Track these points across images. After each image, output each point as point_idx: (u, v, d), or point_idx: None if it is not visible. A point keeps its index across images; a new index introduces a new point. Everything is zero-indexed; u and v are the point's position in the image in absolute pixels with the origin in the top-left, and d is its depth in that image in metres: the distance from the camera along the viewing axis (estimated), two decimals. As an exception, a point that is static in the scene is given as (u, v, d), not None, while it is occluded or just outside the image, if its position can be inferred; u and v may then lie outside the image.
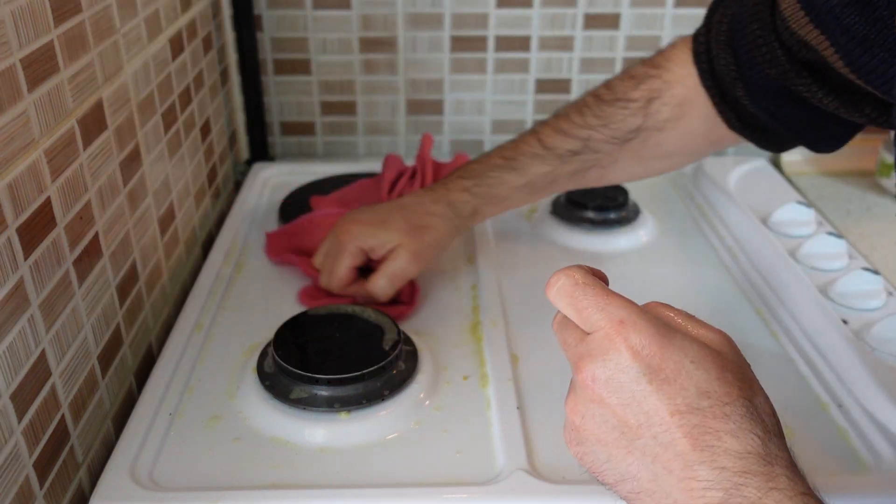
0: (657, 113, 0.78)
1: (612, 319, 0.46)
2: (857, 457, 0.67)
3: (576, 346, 0.49)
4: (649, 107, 0.78)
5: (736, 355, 0.47)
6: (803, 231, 0.93)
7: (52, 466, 0.61)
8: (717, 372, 0.45)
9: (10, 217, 0.55)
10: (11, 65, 0.56)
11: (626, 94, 0.79)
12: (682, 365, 0.44)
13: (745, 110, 0.74)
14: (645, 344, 0.45)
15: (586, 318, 0.48)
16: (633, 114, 0.79)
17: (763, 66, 0.69)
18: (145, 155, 0.82)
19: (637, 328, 0.45)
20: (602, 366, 0.46)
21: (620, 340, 0.45)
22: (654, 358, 0.45)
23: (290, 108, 1.26)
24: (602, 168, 0.82)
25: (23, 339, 0.57)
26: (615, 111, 0.79)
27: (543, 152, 0.82)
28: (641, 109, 0.78)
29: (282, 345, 0.73)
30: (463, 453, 0.67)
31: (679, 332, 0.46)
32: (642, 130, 0.79)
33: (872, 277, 0.81)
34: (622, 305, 0.47)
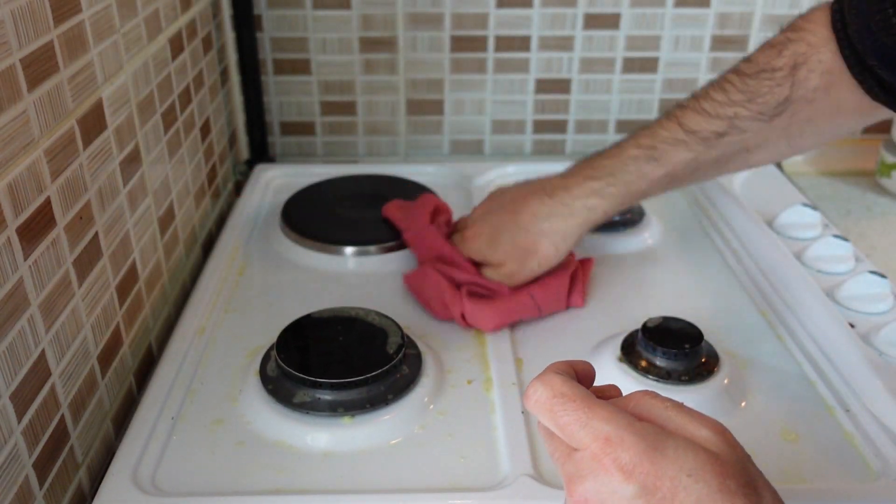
0: (805, 81, 0.72)
1: (597, 437, 0.43)
2: (864, 462, 0.66)
3: (564, 463, 0.45)
4: (796, 74, 0.72)
5: (734, 452, 0.44)
6: (809, 233, 0.92)
7: (51, 466, 0.61)
8: (718, 482, 0.41)
9: (9, 217, 0.55)
10: (11, 65, 0.55)
11: (768, 63, 0.73)
12: (678, 480, 0.41)
13: (883, 79, 0.68)
14: (636, 462, 0.41)
15: (570, 434, 0.44)
16: (780, 84, 0.72)
17: (880, 35, 0.64)
18: (145, 155, 0.81)
19: (625, 445, 0.42)
20: (593, 489, 0.42)
21: (609, 461, 0.42)
22: (647, 476, 0.41)
23: (290, 108, 1.25)
24: (748, 151, 0.77)
25: (22, 339, 0.57)
26: (760, 83, 0.73)
27: (686, 137, 0.76)
28: (788, 78, 0.72)
29: (285, 348, 0.72)
30: (467, 458, 0.66)
31: (671, 439, 0.43)
32: (791, 102, 0.73)
33: (880, 281, 0.80)
34: (606, 418, 0.43)
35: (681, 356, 0.71)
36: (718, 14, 1.21)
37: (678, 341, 0.72)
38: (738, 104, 0.74)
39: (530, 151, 1.30)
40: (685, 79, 1.25)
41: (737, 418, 0.70)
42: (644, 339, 0.72)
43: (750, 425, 0.70)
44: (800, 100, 0.73)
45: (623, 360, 0.74)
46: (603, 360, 0.75)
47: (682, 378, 0.71)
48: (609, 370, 0.73)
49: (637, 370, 0.72)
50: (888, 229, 1.11)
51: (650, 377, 0.71)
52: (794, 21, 0.74)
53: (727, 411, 0.71)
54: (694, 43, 1.23)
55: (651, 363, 0.72)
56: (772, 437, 0.69)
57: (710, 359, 0.73)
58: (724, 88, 0.75)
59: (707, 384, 0.71)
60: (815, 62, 0.71)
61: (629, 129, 1.27)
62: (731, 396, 0.72)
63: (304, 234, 0.97)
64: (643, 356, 0.73)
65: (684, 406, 0.46)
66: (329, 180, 1.11)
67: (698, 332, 0.73)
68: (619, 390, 0.51)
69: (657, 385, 0.71)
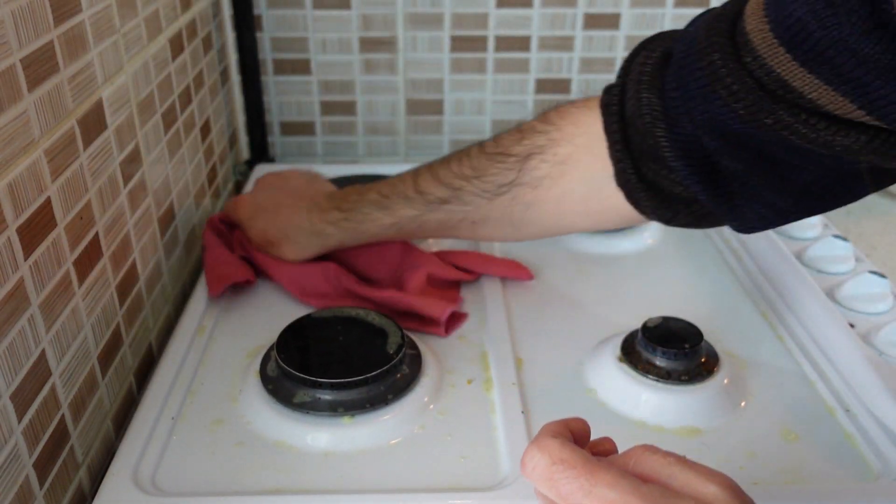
0: (534, 169, 0.73)
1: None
2: (864, 462, 0.66)
3: None
4: (527, 162, 0.73)
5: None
6: (809, 233, 0.92)
7: (51, 466, 0.61)
8: None
9: (10, 217, 0.55)
10: (11, 65, 0.55)
11: (508, 147, 0.75)
12: None
13: (650, 164, 0.65)
14: None
15: None
16: (509, 168, 0.74)
17: (727, 100, 0.57)
18: (145, 155, 0.81)
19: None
20: None
21: None
22: None
23: (290, 107, 1.25)
24: (473, 223, 0.79)
25: (23, 339, 0.57)
26: (492, 164, 0.75)
27: (414, 195, 0.80)
28: (518, 164, 0.74)
29: (285, 348, 0.72)
30: (467, 458, 0.66)
31: (678, 500, 0.42)
32: (514, 185, 0.74)
33: (880, 281, 0.80)
34: (610, 484, 0.42)
35: (681, 356, 0.71)
36: (718, 14, 1.21)
37: (678, 341, 0.72)
38: (466, 178, 0.76)
39: (530, 151, 1.30)
40: (685, 79, 1.25)
41: (737, 418, 0.70)
42: (644, 340, 0.72)
43: (750, 425, 0.70)
44: (524, 184, 0.74)
45: (623, 361, 0.74)
46: (603, 360, 0.75)
47: (682, 378, 0.71)
48: (609, 370, 0.74)
49: (637, 370, 0.72)
50: (888, 229, 1.11)
51: (650, 377, 0.71)
52: (547, 113, 0.75)
53: (727, 411, 0.71)
54: (694, 43, 1.23)
55: (651, 363, 0.72)
56: (772, 437, 0.69)
57: (709, 359, 0.73)
58: (460, 161, 0.78)
59: (707, 384, 0.71)
60: (550, 154, 0.72)
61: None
62: (730, 396, 0.72)
63: (304, 234, 0.97)
64: (643, 356, 0.73)
65: (687, 460, 0.45)
66: (329, 180, 1.11)
67: (698, 332, 0.73)
68: (614, 443, 0.50)
69: (657, 384, 0.71)
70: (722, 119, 0.58)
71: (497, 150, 0.75)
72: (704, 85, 0.59)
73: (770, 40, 0.53)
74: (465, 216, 0.79)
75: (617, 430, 0.69)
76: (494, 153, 0.75)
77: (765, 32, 0.53)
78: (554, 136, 0.73)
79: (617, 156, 0.68)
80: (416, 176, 0.81)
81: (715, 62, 0.57)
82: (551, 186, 0.73)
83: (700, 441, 0.68)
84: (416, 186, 0.80)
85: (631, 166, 0.67)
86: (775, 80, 0.54)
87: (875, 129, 0.53)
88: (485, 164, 0.76)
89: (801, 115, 0.54)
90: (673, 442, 0.68)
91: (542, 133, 0.73)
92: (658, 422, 0.70)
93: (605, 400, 0.72)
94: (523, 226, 0.78)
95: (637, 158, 0.67)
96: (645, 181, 0.67)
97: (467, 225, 0.80)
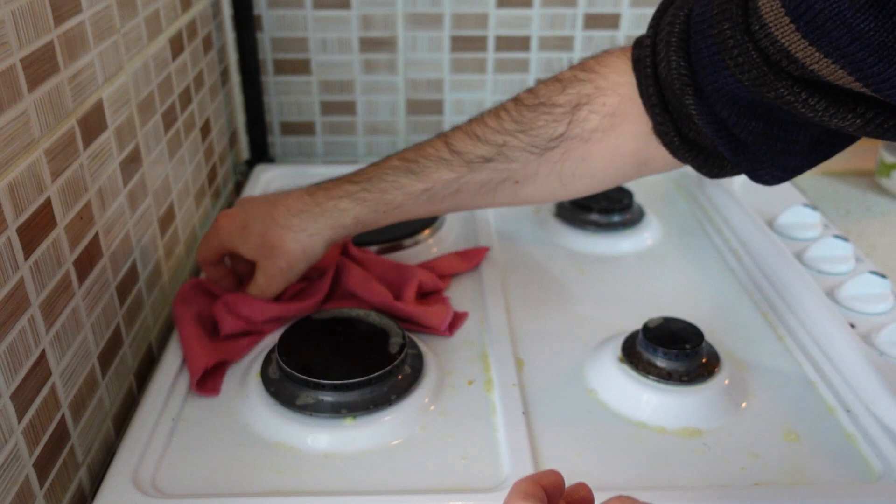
0: (584, 121, 0.69)
1: None
2: (865, 462, 0.66)
3: None
4: (576, 113, 0.69)
5: None
6: (809, 234, 0.92)
7: (52, 466, 0.61)
8: None
9: (10, 217, 0.55)
10: (12, 65, 0.55)
11: (550, 97, 0.70)
12: None
13: (689, 124, 0.66)
14: None
15: None
16: (557, 119, 0.70)
17: (734, 71, 0.59)
18: (145, 155, 0.81)
19: None
20: None
21: None
22: None
23: (290, 107, 1.25)
24: (516, 183, 0.74)
25: (23, 339, 0.56)
26: (537, 116, 0.70)
27: (450, 156, 0.73)
28: (566, 115, 0.69)
29: (286, 350, 0.72)
30: (468, 459, 0.66)
31: None
32: (565, 139, 0.70)
33: (880, 281, 0.80)
34: None
35: (681, 357, 0.71)
36: (718, 14, 1.21)
37: (679, 342, 0.72)
38: (510, 133, 0.71)
39: (530, 151, 1.30)
40: (685, 79, 1.25)
41: (737, 419, 0.70)
42: (645, 340, 0.72)
43: (751, 426, 0.70)
44: (575, 138, 0.70)
45: (623, 361, 0.74)
46: (603, 360, 0.75)
47: (683, 379, 0.71)
48: (610, 371, 0.73)
49: (638, 371, 0.72)
50: (888, 229, 1.11)
51: (651, 378, 0.71)
52: (587, 62, 0.71)
53: (728, 412, 0.71)
54: (694, 43, 1.23)
55: (651, 364, 0.72)
56: (773, 437, 0.69)
57: (710, 359, 0.73)
58: (498, 116, 0.72)
59: (708, 385, 0.71)
60: (598, 104, 0.69)
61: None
62: (731, 397, 0.72)
63: (304, 235, 0.97)
64: (644, 357, 0.72)
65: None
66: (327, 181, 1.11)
67: (699, 333, 0.73)
68: (588, 488, 0.49)
69: (658, 385, 0.71)
70: (730, 88, 0.60)
71: (538, 101, 0.71)
72: (714, 53, 0.59)
73: (777, 9, 0.53)
74: (511, 175, 0.73)
75: (618, 431, 0.70)
76: (535, 104, 0.71)
77: (773, 0, 0.54)
78: (600, 85, 0.69)
79: (657, 118, 0.67)
80: (446, 138, 0.74)
81: (724, 31, 0.58)
82: (602, 139, 0.70)
83: (701, 442, 0.68)
84: (451, 147, 0.73)
85: (672, 128, 0.66)
86: (779, 50, 0.54)
87: (876, 109, 0.54)
88: (529, 116, 0.71)
89: (801, 95, 0.55)
90: (674, 443, 0.68)
91: (587, 81, 0.70)
92: (659, 423, 0.70)
93: (605, 401, 0.72)
94: (573, 182, 0.74)
95: (676, 118, 0.66)
96: (687, 140, 0.67)
97: (510, 186, 0.74)
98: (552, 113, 0.70)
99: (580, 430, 0.69)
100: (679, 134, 0.67)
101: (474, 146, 0.72)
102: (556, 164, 0.72)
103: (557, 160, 0.71)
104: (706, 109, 0.63)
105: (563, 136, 0.70)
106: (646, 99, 0.67)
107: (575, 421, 0.70)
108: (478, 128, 0.73)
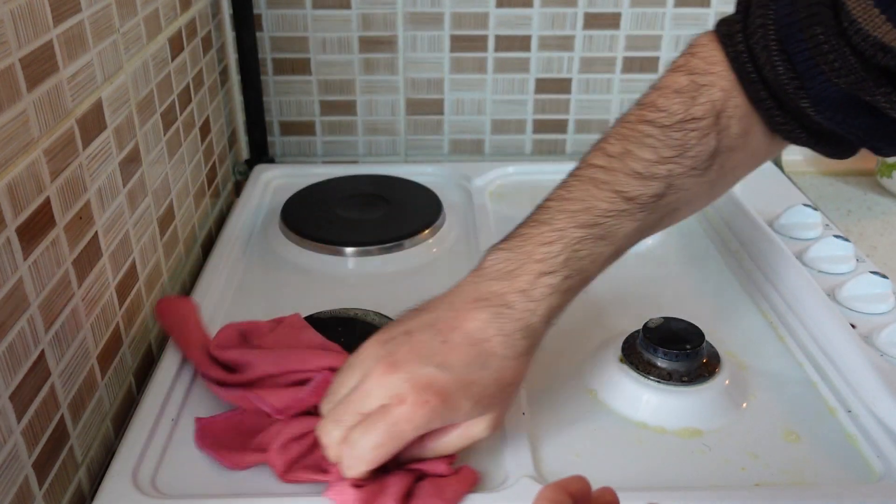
0: (727, 128, 0.64)
1: None
2: (866, 463, 0.66)
3: None
4: (719, 122, 0.64)
5: None
6: (810, 234, 0.92)
7: (51, 467, 0.61)
8: None
9: (9, 217, 0.55)
10: (10, 64, 0.55)
11: (687, 111, 0.64)
12: None
13: (810, 121, 0.63)
14: None
15: None
16: (705, 133, 0.64)
17: (830, 76, 0.58)
18: (144, 155, 0.81)
19: None
20: None
21: None
22: None
23: (290, 107, 1.25)
24: (675, 210, 0.67)
25: (22, 339, 0.56)
26: (685, 135, 0.64)
27: (627, 206, 0.64)
28: (712, 127, 0.64)
29: (285, 348, 0.72)
30: (469, 459, 0.66)
31: None
32: (720, 153, 0.65)
33: (881, 281, 0.80)
34: None
35: (682, 357, 0.71)
36: (718, 14, 1.21)
37: (679, 342, 0.72)
38: (671, 161, 0.64)
39: (530, 151, 1.30)
40: (685, 79, 1.25)
41: (738, 419, 0.70)
42: (645, 340, 0.72)
43: (751, 426, 0.70)
44: (726, 149, 0.66)
45: (624, 361, 0.73)
46: (604, 360, 0.75)
47: (684, 379, 0.71)
48: (610, 371, 0.73)
49: (638, 371, 0.72)
50: (889, 229, 1.11)
51: (651, 378, 0.71)
52: (689, 61, 0.66)
53: (728, 412, 0.70)
54: (694, 43, 1.23)
55: (652, 364, 0.72)
56: (773, 437, 0.68)
57: (711, 359, 0.73)
58: (649, 145, 0.65)
59: (708, 385, 0.71)
60: (731, 107, 0.65)
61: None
62: (732, 397, 0.72)
63: (303, 235, 0.97)
64: (644, 357, 0.72)
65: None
66: (329, 180, 1.11)
67: (700, 333, 0.73)
68: (614, 493, 0.48)
69: (658, 385, 0.71)
70: (828, 93, 0.60)
71: (677, 119, 0.64)
72: (808, 59, 0.59)
73: (866, 2, 0.54)
74: (678, 204, 0.67)
75: (618, 431, 0.69)
76: (676, 122, 0.64)
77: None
78: (724, 87, 0.65)
79: (775, 119, 0.64)
80: (611, 187, 0.65)
81: (817, 35, 0.57)
82: (745, 144, 0.66)
83: (701, 442, 0.68)
84: (624, 196, 0.64)
85: (797, 126, 0.64)
86: (873, 44, 0.54)
87: None
88: (678, 137, 0.64)
89: None
90: (674, 443, 0.68)
91: (711, 86, 0.65)
92: (659, 423, 0.70)
93: (606, 401, 0.72)
94: (717, 191, 0.70)
95: (795, 116, 0.64)
96: (812, 133, 0.65)
97: (669, 214, 0.68)
98: (698, 128, 0.64)
99: (580, 430, 0.69)
100: (805, 129, 0.65)
101: (645, 187, 0.64)
102: (714, 179, 0.67)
103: (715, 176, 0.67)
104: (822, 109, 0.62)
105: (716, 150, 0.65)
106: (759, 104, 0.64)
107: (575, 421, 0.70)
108: (636, 164, 0.65)
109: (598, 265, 0.66)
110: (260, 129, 1.23)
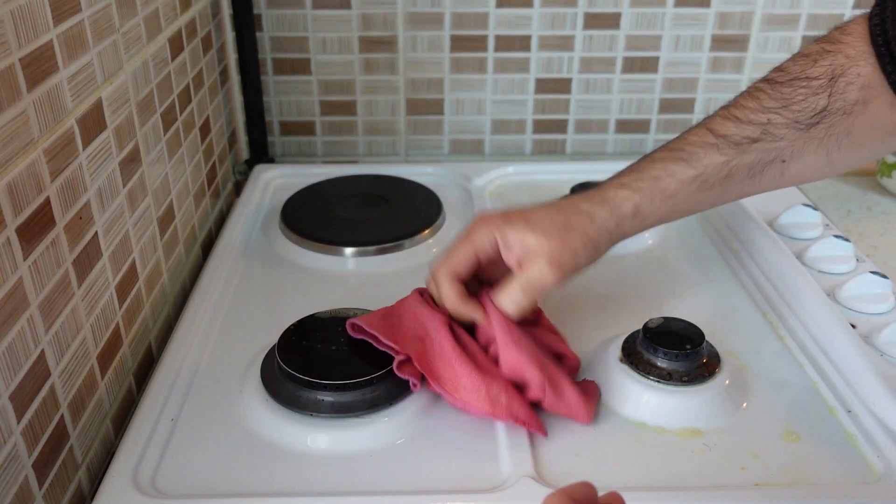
0: (844, 93, 0.68)
1: None
2: (866, 463, 0.66)
3: None
4: (834, 85, 0.68)
5: None
6: (810, 233, 0.92)
7: (51, 467, 0.61)
8: None
9: (9, 217, 0.55)
10: (11, 64, 0.55)
11: (803, 71, 0.69)
12: None
13: None
14: None
15: None
16: (816, 93, 0.69)
17: None
18: (144, 155, 0.81)
19: None
20: None
21: None
22: None
23: (290, 107, 1.25)
24: (783, 162, 0.72)
25: (22, 339, 0.56)
26: (794, 91, 0.69)
27: (716, 140, 0.71)
28: (825, 88, 0.68)
29: (286, 350, 0.72)
30: (469, 460, 0.66)
31: None
32: (829, 114, 0.69)
33: (881, 281, 0.80)
34: None
35: (682, 357, 0.71)
36: (718, 14, 1.21)
37: (679, 342, 0.72)
38: (772, 111, 0.70)
39: (530, 151, 1.30)
40: (685, 78, 1.25)
41: (738, 419, 0.70)
42: (645, 340, 0.72)
43: (751, 426, 0.70)
44: (838, 112, 0.69)
45: (624, 361, 0.73)
46: (604, 361, 0.75)
47: (684, 379, 0.71)
48: (610, 371, 0.73)
49: (638, 371, 0.72)
50: (889, 229, 1.11)
51: (651, 378, 0.71)
52: (831, 33, 0.71)
53: (728, 412, 0.70)
54: (694, 43, 1.23)
55: (652, 364, 0.72)
56: (773, 437, 0.68)
57: (711, 359, 0.73)
58: (755, 97, 0.71)
59: (708, 385, 0.71)
60: (853, 75, 0.68)
61: (629, 129, 1.28)
62: (732, 397, 0.72)
63: (303, 235, 0.97)
64: (644, 357, 0.72)
65: None
66: (329, 180, 1.11)
67: (700, 333, 0.73)
68: (621, 498, 0.47)
69: (658, 385, 0.71)
70: None
71: (791, 77, 0.70)
72: None
73: None
74: (778, 154, 0.71)
75: (618, 431, 0.69)
76: (789, 80, 0.70)
77: None
78: (850, 54, 0.68)
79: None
80: (706, 125, 0.73)
81: None
82: (864, 112, 0.69)
83: (701, 442, 0.68)
84: (714, 132, 0.72)
85: None
86: None
87: None
88: (786, 92, 0.70)
89: None
90: (674, 443, 0.68)
91: (835, 52, 0.69)
92: (659, 423, 0.70)
93: (606, 401, 0.72)
94: (839, 157, 0.72)
95: None
96: None
97: (777, 166, 0.72)
98: (809, 86, 0.69)
99: (580, 429, 0.69)
100: None
101: (738, 128, 0.71)
102: (822, 140, 0.70)
103: (822, 136, 0.70)
104: None
105: (825, 109, 0.69)
106: (887, 76, 0.67)
107: (575, 421, 0.70)
108: (736, 111, 0.72)
109: (676, 180, 0.72)
110: (260, 129, 1.23)
